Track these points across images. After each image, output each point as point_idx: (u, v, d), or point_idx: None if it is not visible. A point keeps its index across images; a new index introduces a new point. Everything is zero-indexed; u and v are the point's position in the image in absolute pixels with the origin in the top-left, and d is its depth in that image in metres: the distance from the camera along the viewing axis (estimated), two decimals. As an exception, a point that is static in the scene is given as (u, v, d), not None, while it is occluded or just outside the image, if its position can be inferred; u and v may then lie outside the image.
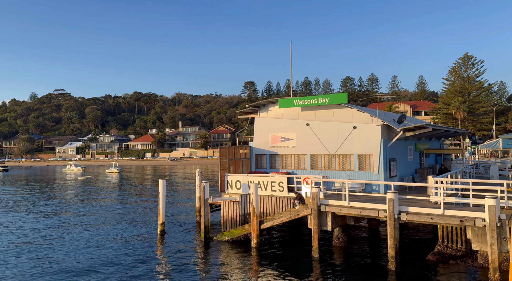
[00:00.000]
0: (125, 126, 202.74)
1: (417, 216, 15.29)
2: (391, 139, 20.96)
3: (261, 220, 19.25)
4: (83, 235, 22.75)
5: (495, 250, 13.35)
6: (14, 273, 15.96)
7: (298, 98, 23.12)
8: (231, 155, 23.99)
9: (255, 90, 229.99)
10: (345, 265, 16.38)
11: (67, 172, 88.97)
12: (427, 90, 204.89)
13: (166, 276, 15.16)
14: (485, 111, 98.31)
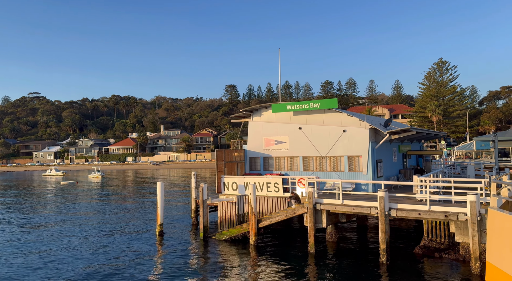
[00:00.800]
0: (104, 130, 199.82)
1: (406, 212, 16.67)
2: (378, 142, 22.41)
3: (259, 219, 20.28)
4: (83, 239, 23.17)
5: (476, 241, 14.81)
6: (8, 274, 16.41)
7: (290, 103, 24.32)
8: (227, 158, 24.93)
9: (236, 93, 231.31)
10: (340, 259, 17.61)
11: (47, 177, 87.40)
12: (403, 94, 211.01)
13: (171, 275, 15.96)
14: (458, 114, 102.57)
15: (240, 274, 15.67)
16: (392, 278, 14.80)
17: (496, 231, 6.13)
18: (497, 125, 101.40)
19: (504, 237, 5.73)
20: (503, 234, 5.76)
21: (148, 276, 15.71)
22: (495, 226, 6.22)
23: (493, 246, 6.27)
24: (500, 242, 5.87)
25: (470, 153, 59.68)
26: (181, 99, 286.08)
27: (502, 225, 5.90)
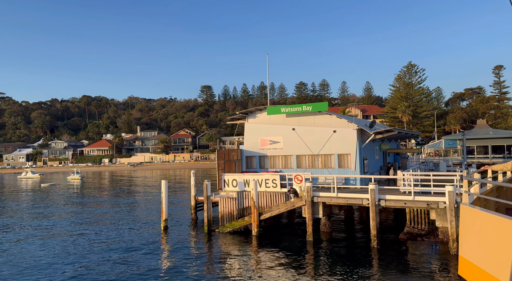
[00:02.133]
0: (76, 131, 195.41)
1: (393, 202, 19.13)
2: (364, 141, 24.88)
3: (260, 212, 22.25)
4: (92, 235, 24.35)
5: (453, 225, 17.41)
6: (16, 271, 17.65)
7: (284, 106, 26.43)
8: (226, 157, 26.70)
9: (212, 94, 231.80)
10: (336, 245, 19.85)
11: (23, 179, 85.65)
12: (373, 95, 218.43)
13: (183, 264, 17.65)
14: (426, 114, 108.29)
15: (245, 261, 17.55)
16: (383, 259, 17.12)
17: (468, 226, 6.18)
18: (461, 125, 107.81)
19: (474, 232, 5.92)
20: (474, 229, 5.93)
21: (163, 266, 17.35)
22: (467, 221, 6.22)
23: (464, 241, 6.26)
24: (471, 236, 6.01)
25: (439, 151, 64.03)
26: (155, 99, 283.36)
27: (473, 220, 6.01)
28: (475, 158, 54.62)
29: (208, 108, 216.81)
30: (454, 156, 59.13)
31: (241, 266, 16.76)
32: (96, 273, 16.34)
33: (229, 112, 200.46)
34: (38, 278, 15.91)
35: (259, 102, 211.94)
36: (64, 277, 15.94)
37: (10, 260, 18.86)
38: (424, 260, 16.99)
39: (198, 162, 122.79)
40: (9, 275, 16.44)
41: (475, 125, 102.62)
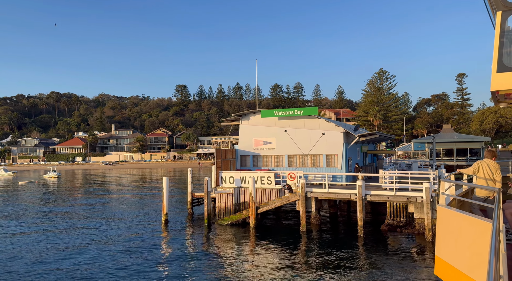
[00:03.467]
0: (45, 128, 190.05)
1: (378, 197, 21.85)
2: (349, 143, 27.60)
3: (257, 206, 24.43)
4: (98, 228, 25.70)
5: (429, 216, 20.26)
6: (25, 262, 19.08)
7: (277, 109, 28.79)
8: (223, 156, 28.68)
9: (187, 93, 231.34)
10: (326, 235, 22.35)
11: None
12: (344, 98, 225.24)
13: (186, 253, 19.58)
14: (396, 119, 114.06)
15: (245, 249, 19.69)
16: (368, 246, 19.71)
17: (444, 227, 6.22)
18: (428, 129, 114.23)
19: (450, 233, 6.00)
20: (450, 230, 6.01)
21: (171, 254, 19.23)
22: (443, 222, 6.25)
23: (441, 241, 6.28)
24: (447, 237, 6.07)
25: (408, 153, 68.44)
26: (126, 97, 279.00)
27: (449, 221, 6.09)
28: (441, 160, 59.05)
29: (183, 107, 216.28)
30: (422, 158, 63.54)
31: (241, 253, 18.88)
32: (110, 260, 17.99)
33: (205, 112, 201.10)
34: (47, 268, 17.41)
35: (235, 103, 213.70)
36: (76, 267, 17.51)
37: (14, 253, 20.10)
38: (403, 245, 19.75)
39: (176, 162, 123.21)
40: (13, 269, 17.81)
41: (440, 129, 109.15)
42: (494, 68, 6.35)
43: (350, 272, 15.58)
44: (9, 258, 18.50)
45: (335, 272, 15.53)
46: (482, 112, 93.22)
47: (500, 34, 6.29)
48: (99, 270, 16.41)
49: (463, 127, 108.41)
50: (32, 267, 17.07)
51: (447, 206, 6.37)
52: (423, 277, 14.79)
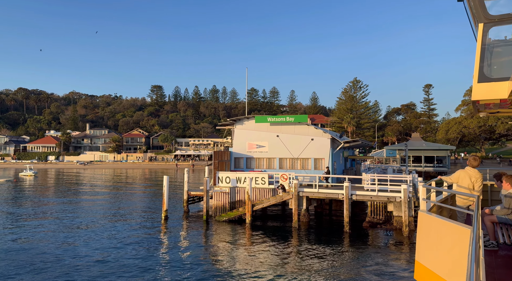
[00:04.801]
0: (14, 126, 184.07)
1: (362, 196, 24.72)
2: (335, 148, 30.48)
3: (253, 204, 26.76)
4: (102, 223, 27.21)
5: (406, 214, 23.28)
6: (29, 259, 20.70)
7: (270, 116, 31.33)
8: (220, 157, 30.84)
9: (163, 94, 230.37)
10: (316, 230, 24.99)
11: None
12: (318, 104, 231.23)
13: (185, 248, 21.70)
14: (368, 126, 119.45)
15: (241, 243, 21.98)
16: (353, 240, 22.43)
17: (425, 232, 6.25)
18: (397, 137, 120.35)
19: (431, 238, 6.06)
20: (430, 235, 6.07)
21: (174, 248, 21.30)
22: (424, 228, 6.28)
23: (421, 246, 6.32)
24: (427, 242, 6.14)
25: (380, 159, 72.78)
26: (98, 96, 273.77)
27: (429, 226, 6.14)
28: (411, 166, 63.47)
29: (158, 108, 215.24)
30: (393, 163, 67.90)
31: (238, 246, 21.17)
32: (116, 253, 19.85)
33: (181, 114, 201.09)
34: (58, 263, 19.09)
35: (211, 105, 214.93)
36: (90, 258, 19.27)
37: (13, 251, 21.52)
38: (383, 239, 22.68)
39: (153, 163, 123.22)
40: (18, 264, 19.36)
41: (409, 137, 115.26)
42: (475, 78, 6.43)
43: (340, 261, 18.23)
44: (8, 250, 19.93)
45: (326, 262, 18.13)
46: (447, 122, 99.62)
47: (482, 45, 6.37)
48: (113, 260, 18.24)
49: (430, 136, 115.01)
50: (35, 265, 18.64)
51: (427, 212, 6.39)
52: (401, 263, 17.64)
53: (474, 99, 6.58)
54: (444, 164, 63.16)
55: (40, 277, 15.34)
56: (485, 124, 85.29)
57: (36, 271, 16.17)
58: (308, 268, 16.81)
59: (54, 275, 15.63)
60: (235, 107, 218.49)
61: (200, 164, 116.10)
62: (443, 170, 62.18)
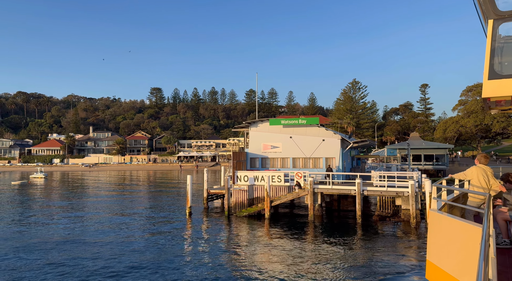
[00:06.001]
0: (15, 129, 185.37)
1: (373, 192, 27.05)
2: (344, 148, 32.81)
3: (271, 200, 29.04)
4: (134, 219, 29.39)
5: (414, 207, 25.61)
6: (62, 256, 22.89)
7: (284, 119, 33.64)
8: (238, 158, 33.08)
9: (162, 96, 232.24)
10: (329, 223, 27.29)
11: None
12: (316, 105, 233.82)
13: (212, 238, 23.94)
14: (367, 126, 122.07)
15: (263, 235, 24.25)
16: (365, 231, 24.74)
17: (436, 232, 6.19)
18: (396, 136, 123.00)
19: (442, 237, 6.03)
20: (441, 234, 6.02)
21: (200, 240, 23.55)
22: (435, 227, 6.23)
23: (432, 246, 6.28)
24: (439, 241, 6.11)
25: (381, 158, 75.25)
26: (96, 98, 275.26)
27: (440, 226, 6.13)
28: (411, 164, 65.96)
29: (158, 110, 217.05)
30: (394, 162, 70.36)
31: (259, 238, 23.45)
32: (154, 243, 22.07)
33: (180, 116, 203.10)
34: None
35: (210, 107, 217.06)
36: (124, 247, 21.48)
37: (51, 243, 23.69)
38: (392, 230, 25.01)
39: (157, 164, 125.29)
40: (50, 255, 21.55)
41: (407, 136, 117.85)
42: (486, 75, 6.33)
43: (357, 248, 20.55)
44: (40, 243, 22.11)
45: (344, 249, 20.45)
46: (445, 121, 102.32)
47: (492, 42, 6.28)
48: (152, 249, 20.47)
49: (428, 135, 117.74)
50: (77, 260, 20.83)
51: (438, 211, 6.35)
52: (410, 251, 19.98)
53: (484, 96, 6.45)
54: (443, 162, 65.69)
55: (90, 264, 17.52)
56: (482, 123, 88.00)
57: (78, 259, 18.35)
58: (329, 255, 19.10)
59: (106, 257, 17.83)
60: (234, 108, 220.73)
61: (203, 165, 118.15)
62: (442, 168, 64.75)
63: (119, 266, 17.11)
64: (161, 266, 17.05)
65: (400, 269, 16.61)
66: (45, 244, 21.50)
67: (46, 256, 18.92)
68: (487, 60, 6.33)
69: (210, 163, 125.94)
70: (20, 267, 17.15)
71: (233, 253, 19.49)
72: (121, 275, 15.83)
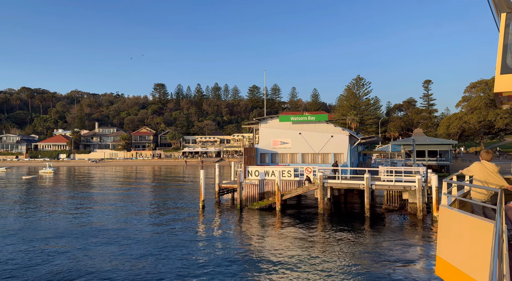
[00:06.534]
0: (21, 125, 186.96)
1: (380, 186, 28.06)
2: (352, 144, 33.78)
3: (282, 194, 30.10)
4: (151, 211, 30.53)
5: (420, 201, 26.60)
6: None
7: (293, 115, 34.59)
8: (249, 153, 34.11)
9: (165, 92, 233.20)
10: (338, 215, 28.35)
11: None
12: (319, 101, 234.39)
13: (226, 229, 25.04)
14: (370, 122, 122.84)
15: (273, 227, 25.32)
16: (373, 223, 25.77)
17: (446, 227, 6.19)
18: (399, 132, 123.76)
19: (452, 233, 5.96)
20: (452, 230, 5.95)
21: (217, 229, 24.65)
22: (445, 223, 6.17)
23: (442, 242, 6.28)
24: (449, 237, 6.05)
25: (385, 153, 76.20)
26: (100, 94, 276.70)
27: (451, 221, 6.02)
28: (415, 160, 66.87)
29: (161, 106, 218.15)
30: (398, 158, 71.28)
31: (271, 229, 24.53)
32: (169, 232, 23.19)
33: (184, 111, 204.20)
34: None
35: (214, 103, 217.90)
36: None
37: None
38: (400, 222, 26.05)
39: (162, 160, 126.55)
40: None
41: (411, 133, 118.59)
42: (498, 69, 6.25)
43: (366, 238, 21.60)
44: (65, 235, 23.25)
45: (352, 239, 21.51)
46: (448, 117, 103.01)
47: (504, 35, 6.19)
48: (168, 238, 21.58)
49: (431, 131, 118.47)
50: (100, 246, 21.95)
51: (449, 207, 6.31)
52: (416, 240, 21.03)
53: (496, 91, 6.39)
54: (447, 158, 66.58)
55: (113, 249, 18.65)
56: (485, 119, 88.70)
57: (103, 244, 19.48)
58: (340, 242, 20.17)
59: (130, 242, 18.95)
60: (237, 104, 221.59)
61: (208, 161, 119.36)
62: (446, 163, 65.67)
63: (148, 248, 18.24)
64: (184, 250, 18.16)
65: (409, 257, 17.66)
66: (72, 231, 22.65)
67: (74, 242, 20.07)
68: (499, 55, 6.24)
69: (214, 158, 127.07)
70: (53, 253, 18.29)
71: (249, 239, 20.59)
72: (151, 255, 16.94)
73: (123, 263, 16.82)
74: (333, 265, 16.41)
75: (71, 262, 17.00)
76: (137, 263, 16.92)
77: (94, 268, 16.16)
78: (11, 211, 31.46)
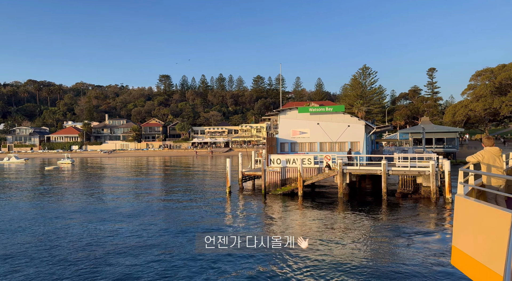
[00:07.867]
0: (30, 117, 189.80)
1: (397, 171, 30.26)
2: (367, 133, 35.90)
3: (303, 180, 32.36)
4: (181, 197, 32.91)
5: (434, 184, 28.78)
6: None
7: (312, 107, 36.72)
8: (270, 143, 36.31)
9: (171, 83, 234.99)
10: (358, 199, 30.64)
11: (6, 164, 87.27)
12: (323, 90, 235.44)
13: (253, 211, 27.35)
14: (376, 111, 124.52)
15: (296, 210, 27.58)
16: (390, 206, 28.01)
17: (463, 217, 6.02)
18: (405, 121, 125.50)
19: (469, 223, 5.84)
20: (468, 220, 5.83)
21: (241, 212, 27.01)
22: (461, 212, 6.03)
23: (459, 231, 6.17)
24: (465, 227, 5.93)
25: (394, 141, 78.31)
26: (104, 86, 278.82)
27: (467, 211, 5.89)
28: (425, 147, 68.96)
29: (167, 97, 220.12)
30: (406, 146, 73.39)
31: (294, 212, 26.84)
32: (197, 215, 25.55)
33: (189, 102, 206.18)
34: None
35: (219, 94, 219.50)
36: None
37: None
38: (414, 204, 28.33)
39: (172, 150, 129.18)
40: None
41: (416, 121, 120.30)
42: None
43: (383, 217, 23.89)
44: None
45: (372, 218, 23.80)
46: (454, 105, 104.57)
47: None
48: (202, 219, 23.95)
49: (436, 119, 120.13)
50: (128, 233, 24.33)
51: (465, 196, 6.28)
52: (432, 219, 23.30)
53: None
54: (453, 145, 68.62)
55: (143, 233, 21.00)
56: (490, 107, 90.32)
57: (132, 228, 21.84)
58: (361, 220, 22.46)
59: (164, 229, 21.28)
60: (242, 95, 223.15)
61: (217, 151, 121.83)
62: (452, 150, 67.75)
63: (187, 221, 20.59)
64: (221, 225, 20.50)
65: (425, 230, 19.94)
66: (134, 212, 25.05)
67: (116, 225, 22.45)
68: None
69: (223, 148, 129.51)
70: (88, 232, 20.68)
71: (275, 220, 22.92)
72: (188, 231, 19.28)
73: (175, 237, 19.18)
74: (361, 240, 18.71)
75: (135, 239, 19.37)
76: (191, 237, 19.28)
77: (148, 242, 18.53)
78: (69, 201, 33.93)
